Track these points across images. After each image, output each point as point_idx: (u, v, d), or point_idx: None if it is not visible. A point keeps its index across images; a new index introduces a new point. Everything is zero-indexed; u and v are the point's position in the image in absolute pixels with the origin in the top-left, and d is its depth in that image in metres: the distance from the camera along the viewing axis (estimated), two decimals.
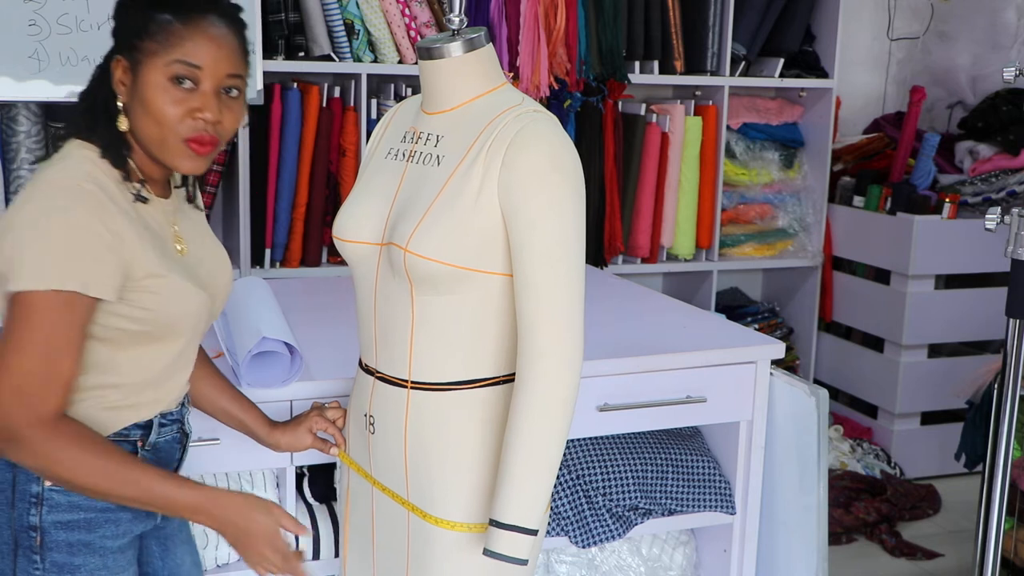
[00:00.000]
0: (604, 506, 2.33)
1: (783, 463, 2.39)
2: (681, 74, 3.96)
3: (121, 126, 1.48)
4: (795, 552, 2.39)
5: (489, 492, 1.60)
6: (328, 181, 3.48)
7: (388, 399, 1.64)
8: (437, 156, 1.59)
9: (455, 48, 1.58)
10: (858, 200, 4.25)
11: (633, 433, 2.45)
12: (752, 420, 2.35)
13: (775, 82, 4.12)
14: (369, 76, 3.48)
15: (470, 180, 1.52)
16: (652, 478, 2.37)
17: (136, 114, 1.47)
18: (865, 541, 3.60)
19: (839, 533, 3.57)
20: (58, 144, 1.50)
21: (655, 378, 2.23)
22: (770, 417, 2.37)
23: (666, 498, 2.37)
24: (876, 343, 4.21)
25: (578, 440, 2.38)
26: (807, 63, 4.19)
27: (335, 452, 1.79)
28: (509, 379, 1.60)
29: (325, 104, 3.44)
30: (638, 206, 3.94)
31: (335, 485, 2.16)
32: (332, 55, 3.39)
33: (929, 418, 4.15)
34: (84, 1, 2.97)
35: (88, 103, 1.51)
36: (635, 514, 2.34)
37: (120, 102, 1.48)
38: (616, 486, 2.34)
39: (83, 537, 1.49)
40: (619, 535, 2.32)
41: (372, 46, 3.47)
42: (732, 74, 4.03)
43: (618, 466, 2.36)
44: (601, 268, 3.80)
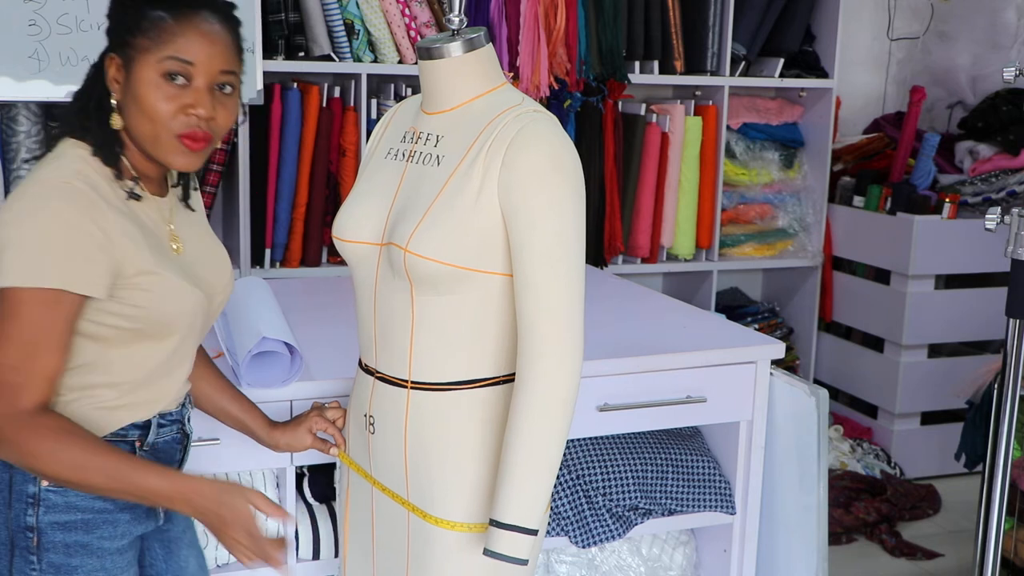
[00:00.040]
0: (604, 506, 2.33)
1: (783, 463, 2.39)
2: (681, 74, 3.95)
3: (114, 124, 1.48)
4: (795, 552, 2.39)
5: (489, 492, 1.60)
6: (328, 181, 3.48)
7: (388, 399, 1.64)
8: (437, 156, 1.59)
9: (455, 48, 1.58)
10: (858, 200, 4.24)
11: (633, 433, 2.45)
12: (752, 420, 2.35)
13: (775, 82, 4.12)
14: (369, 76, 3.48)
15: (470, 180, 1.52)
16: (652, 478, 2.37)
17: (130, 111, 1.47)
18: (865, 541, 3.60)
19: (839, 533, 3.57)
20: (53, 143, 1.51)
21: (655, 378, 2.23)
22: (770, 417, 2.37)
23: (666, 498, 2.37)
24: (876, 343, 4.21)
25: (578, 440, 2.38)
26: (807, 63, 4.19)
27: (335, 452, 1.79)
28: (509, 379, 1.60)
29: (325, 104, 3.44)
30: (638, 206, 3.94)
31: (335, 485, 2.15)
32: (332, 55, 3.39)
33: (929, 418, 4.14)
34: (84, 1, 2.97)
35: (82, 102, 1.51)
36: (635, 514, 2.34)
37: (114, 100, 1.48)
38: (616, 486, 2.33)
39: (80, 538, 1.49)
40: (619, 535, 2.32)
41: (372, 46, 3.47)
42: (732, 74, 4.03)
43: (618, 466, 2.36)
44: (601, 268, 3.80)
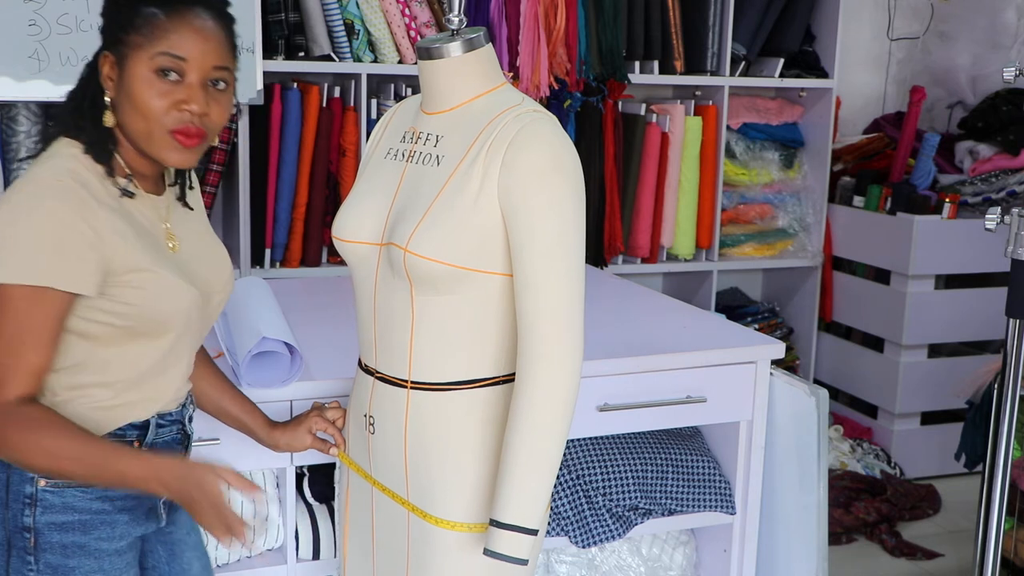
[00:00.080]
0: (604, 506, 2.33)
1: (783, 463, 2.39)
2: (681, 74, 3.95)
3: (107, 121, 1.48)
4: (795, 552, 2.39)
5: (489, 492, 1.60)
6: (328, 181, 3.48)
7: (388, 399, 1.63)
8: (437, 156, 1.59)
9: (455, 48, 1.58)
10: (858, 200, 4.24)
11: (633, 433, 2.45)
12: (752, 420, 2.35)
13: (775, 82, 4.12)
14: (369, 76, 3.48)
15: (470, 180, 1.52)
16: (652, 478, 2.37)
17: (123, 108, 1.47)
18: (865, 541, 3.60)
19: (839, 533, 3.57)
20: (48, 142, 1.51)
21: (655, 378, 2.23)
22: (770, 417, 2.37)
23: (666, 498, 2.37)
24: (876, 343, 4.21)
25: (578, 440, 2.38)
26: (807, 63, 4.19)
27: (335, 452, 1.79)
28: (509, 379, 1.60)
29: (325, 104, 3.44)
30: (638, 206, 3.94)
31: (335, 485, 2.15)
32: (332, 55, 3.39)
33: (929, 418, 4.14)
34: (84, 1, 2.97)
35: (76, 101, 1.52)
36: (635, 514, 2.34)
37: (108, 97, 1.48)
38: (616, 486, 2.33)
39: (78, 539, 1.49)
40: (619, 535, 2.32)
41: (372, 46, 3.47)
42: (732, 74, 4.03)
43: (618, 466, 2.36)
44: (601, 268, 3.80)
